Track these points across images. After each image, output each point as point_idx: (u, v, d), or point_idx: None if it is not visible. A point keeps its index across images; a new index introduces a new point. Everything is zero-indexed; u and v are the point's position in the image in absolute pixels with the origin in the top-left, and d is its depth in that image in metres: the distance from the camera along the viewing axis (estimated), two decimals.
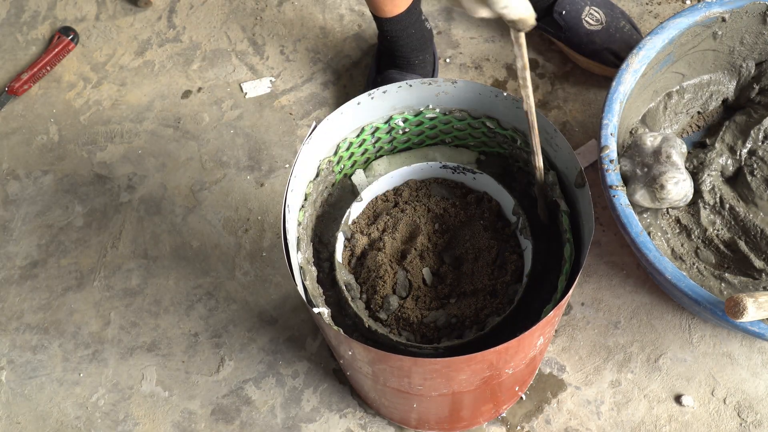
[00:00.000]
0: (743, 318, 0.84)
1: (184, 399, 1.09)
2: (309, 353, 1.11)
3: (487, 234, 0.87)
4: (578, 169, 0.77)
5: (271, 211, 1.21)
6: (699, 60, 1.13)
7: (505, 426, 1.05)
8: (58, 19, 1.41)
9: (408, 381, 0.79)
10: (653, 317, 1.10)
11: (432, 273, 0.87)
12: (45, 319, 1.15)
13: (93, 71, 1.35)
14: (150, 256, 1.19)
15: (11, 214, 1.24)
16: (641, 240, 0.93)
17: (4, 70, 1.37)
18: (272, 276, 1.16)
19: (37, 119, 1.31)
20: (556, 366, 1.08)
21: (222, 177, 1.24)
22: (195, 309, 1.15)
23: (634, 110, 1.11)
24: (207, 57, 1.35)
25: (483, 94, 0.83)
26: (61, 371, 1.12)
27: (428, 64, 1.24)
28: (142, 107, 1.31)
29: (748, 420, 1.03)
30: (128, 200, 1.23)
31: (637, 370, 1.07)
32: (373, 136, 0.87)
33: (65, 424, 1.09)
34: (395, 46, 1.19)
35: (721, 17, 1.07)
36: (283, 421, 1.07)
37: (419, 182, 0.91)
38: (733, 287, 1.03)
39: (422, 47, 1.21)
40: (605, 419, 1.05)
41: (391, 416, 1.03)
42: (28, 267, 1.19)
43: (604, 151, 0.98)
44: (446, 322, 0.83)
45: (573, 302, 1.11)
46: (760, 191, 1.08)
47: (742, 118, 1.15)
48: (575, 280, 0.73)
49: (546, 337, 0.82)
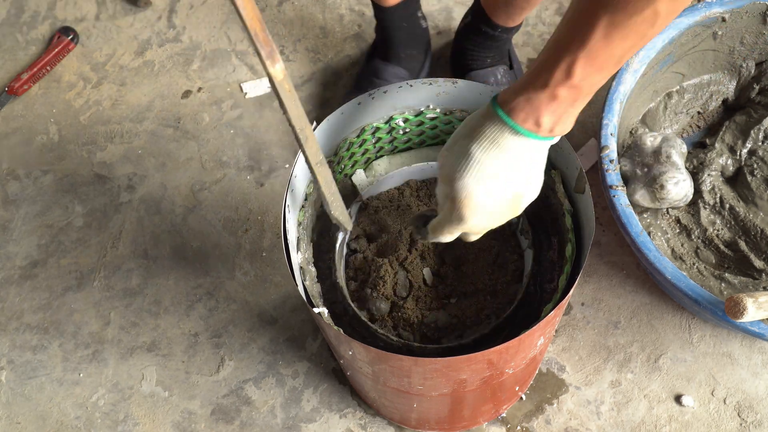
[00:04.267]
0: (743, 318, 0.84)
1: (184, 399, 1.09)
2: (309, 353, 1.11)
3: (487, 234, 0.87)
4: (578, 168, 0.77)
5: (271, 211, 1.21)
6: (699, 60, 1.13)
7: (505, 426, 1.05)
8: (58, 19, 1.41)
9: (408, 381, 0.79)
10: (653, 317, 1.10)
11: (432, 273, 0.87)
12: (45, 319, 1.15)
13: (93, 71, 1.35)
14: (150, 256, 1.19)
15: (11, 214, 1.24)
16: (641, 240, 0.93)
17: (4, 70, 1.37)
18: (272, 276, 1.16)
19: (37, 119, 1.31)
20: (556, 366, 1.08)
21: (222, 177, 1.24)
22: (195, 309, 1.14)
23: (634, 110, 1.11)
24: (207, 57, 1.35)
25: (483, 94, 0.83)
26: (61, 371, 1.12)
27: (416, 60, 1.25)
28: (142, 107, 1.31)
29: (748, 420, 1.03)
30: (128, 200, 1.23)
31: (637, 370, 1.07)
32: (374, 136, 0.87)
33: (65, 424, 1.09)
34: (386, 36, 1.21)
35: (721, 17, 1.07)
36: (283, 421, 1.07)
37: (420, 182, 0.91)
38: (733, 287, 1.03)
39: (412, 43, 1.22)
40: (605, 419, 1.05)
41: (391, 416, 1.03)
42: (28, 267, 1.19)
43: (604, 151, 0.98)
44: (447, 322, 0.83)
45: (573, 302, 1.11)
46: (760, 191, 1.08)
47: (742, 118, 1.15)
48: (576, 280, 0.73)
49: (546, 337, 0.82)
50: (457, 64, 1.26)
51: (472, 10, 1.21)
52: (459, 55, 1.25)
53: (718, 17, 1.07)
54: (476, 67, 1.22)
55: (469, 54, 1.22)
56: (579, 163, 0.77)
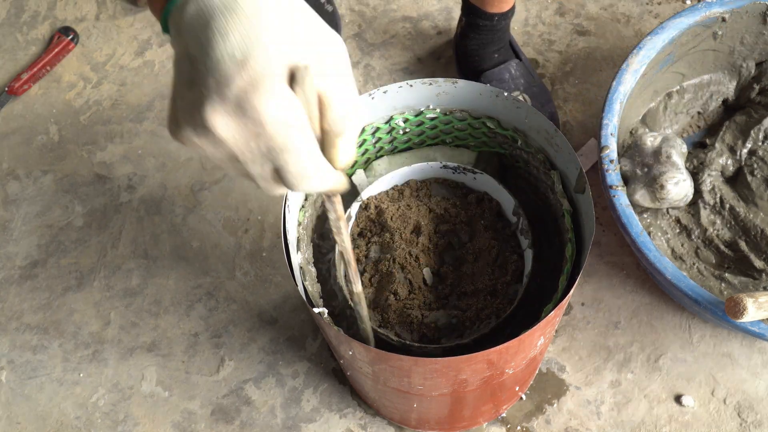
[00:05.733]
0: (743, 318, 0.84)
1: (184, 399, 1.09)
2: (309, 353, 1.11)
3: (487, 234, 0.87)
4: (578, 168, 0.77)
5: (271, 211, 1.21)
6: (699, 60, 1.13)
7: (505, 426, 1.05)
8: (58, 19, 1.41)
9: (408, 381, 0.79)
10: (653, 317, 1.10)
11: (432, 273, 0.87)
12: (45, 319, 1.15)
13: (93, 71, 1.35)
14: (150, 256, 1.19)
15: (11, 214, 1.24)
16: (641, 240, 0.93)
17: (4, 70, 1.37)
18: (272, 276, 1.16)
19: (37, 119, 1.31)
20: (557, 366, 1.08)
21: (222, 177, 1.24)
22: (195, 309, 1.14)
23: (634, 110, 1.11)
24: None
25: (483, 94, 0.83)
26: (61, 371, 1.12)
27: None
28: (142, 107, 1.31)
29: (748, 420, 1.03)
30: (128, 200, 1.23)
31: (637, 370, 1.07)
32: (374, 136, 0.87)
33: (65, 424, 1.09)
34: None
35: (721, 17, 1.07)
36: (283, 421, 1.07)
37: (420, 182, 0.91)
38: (733, 287, 1.03)
39: None
40: (605, 419, 1.05)
41: (391, 416, 1.03)
42: (28, 267, 1.19)
43: (604, 151, 0.98)
44: (447, 322, 0.83)
45: (573, 302, 1.11)
46: (760, 191, 1.08)
47: (742, 118, 1.15)
48: (576, 280, 0.73)
49: (546, 337, 0.82)
50: (465, 70, 1.25)
51: (465, 11, 1.21)
52: (465, 60, 1.24)
53: (718, 17, 1.07)
54: (487, 67, 1.22)
55: (475, 55, 1.22)
56: (579, 163, 0.77)
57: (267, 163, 0.45)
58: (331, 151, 0.48)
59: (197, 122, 0.43)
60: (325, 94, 0.45)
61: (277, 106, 0.42)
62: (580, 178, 0.78)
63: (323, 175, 0.47)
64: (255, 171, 0.46)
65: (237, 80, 0.41)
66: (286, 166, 0.45)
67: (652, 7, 1.35)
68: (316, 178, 0.47)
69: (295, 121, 0.44)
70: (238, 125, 0.43)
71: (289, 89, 0.43)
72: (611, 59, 1.30)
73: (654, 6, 1.35)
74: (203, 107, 0.42)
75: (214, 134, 0.43)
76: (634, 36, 1.32)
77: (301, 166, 0.45)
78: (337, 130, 0.47)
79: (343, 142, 0.48)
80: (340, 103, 0.46)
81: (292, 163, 0.45)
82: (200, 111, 0.43)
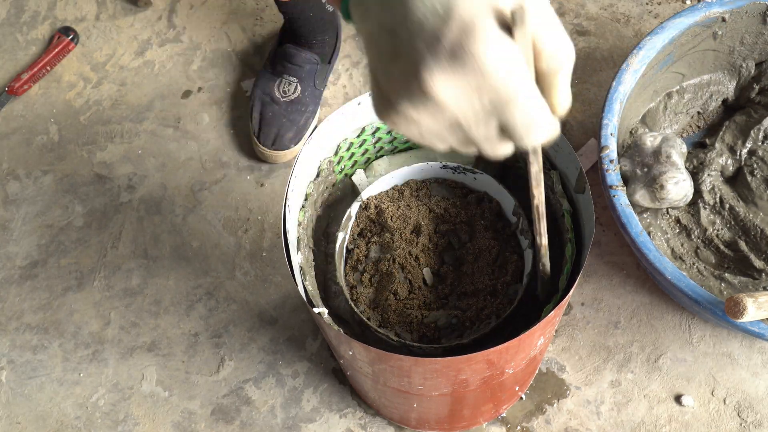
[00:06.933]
0: (743, 318, 0.84)
1: (184, 399, 1.09)
2: (309, 353, 1.11)
3: (487, 234, 0.87)
4: (578, 168, 0.77)
5: (271, 211, 1.21)
6: (699, 60, 1.13)
7: (505, 426, 1.05)
8: (58, 19, 1.41)
9: (408, 381, 0.79)
10: (653, 317, 1.10)
11: (432, 273, 0.87)
12: (45, 319, 1.15)
13: (93, 71, 1.35)
14: (150, 256, 1.19)
15: (11, 214, 1.24)
16: (641, 240, 0.93)
17: (4, 70, 1.37)
18: (272, 276, 1.16)
19: (37, 119, 1.31)
20: (556, 366, 1.08)
21: (222, 177, 1.24)
22: (195, 309, 1.14)
23: (634, 110, 1.11)
24: (207, 57, 1.35)
25: None
26: (61, 371, 1.12)
27: (327, 45, 1.26)
28: (142, 107, 1.31)
29: (748, 420, 1.03)
30: (128, 200, 1.23)
31: (637, 370, 1.07)
32: (374, 136, 0.87)
33: (65, 424, 1.09)
34: (294, 26, 1.21)
35: (721, 17, 1.07)
36: (283, 421, 1.07)
37: (420, 182, 0.91)
38: (733, 287, 1.03)
39: (322, 29, 1.23)
40: (605, 419, 1.05)
41: (391, 416, 1.03)
42: (28, 267, 1.19)
43: (604, 151, 0.98)
44: (446, 322, 0.83)
45: (573, 302, 1.11)
46: (760, 191, 1.08)
47: (742, 118, 1.15)
48: (576, 280, 0.73)
49: (546, 337, 0.82)
50: None
51: None
52: None
53: (718, 17, 1.07)
54: None
55: None
56: (579, 163, 0.77)
57: (492, 120, 0.42)
58: (551, 93, 0.45)
59: (413, 91, 0.41)
60: (538, 30, 0.42)
61: (496, 50, 0.39)
62: (580, 178, 0.78)
63: (550, 123, 0.44)
64: (479, 133, 0.43)
65: (447, 33, 0.39)
66: (513, 120, 0.42)
67: (651, 7, 1.35)
68: (545, 127, 0.43)
69: (517, 67, 0.40)
70: (457, 81, 0.40)
71: (503, 32, 0.40)
72: (611, 59, 1.30)
73: (654, 6, 1.35)
74: (418, 72, 0.40)
75: (434, 98, 0.41)
76: (633, 36, 1.32)
77: (530, 115, 0.42)
78: (556, 66, 0.43)
79: (563, 82, 0.45)
80: (555, 37, 0.43)
81: (519, 114, 0.42)
82: (416, 76, 0.40)
